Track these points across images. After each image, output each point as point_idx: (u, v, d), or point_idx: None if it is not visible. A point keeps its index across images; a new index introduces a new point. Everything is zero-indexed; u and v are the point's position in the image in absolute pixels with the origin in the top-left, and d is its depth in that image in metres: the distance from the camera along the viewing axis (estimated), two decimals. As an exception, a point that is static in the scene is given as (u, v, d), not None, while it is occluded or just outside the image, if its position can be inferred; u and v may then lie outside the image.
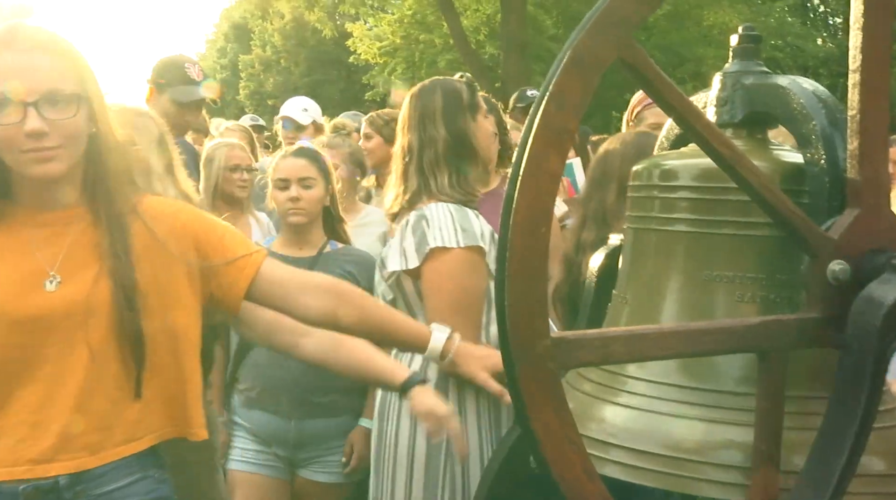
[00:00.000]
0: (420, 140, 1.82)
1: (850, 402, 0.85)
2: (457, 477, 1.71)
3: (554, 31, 15.10)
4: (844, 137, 0.98)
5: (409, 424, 1.72)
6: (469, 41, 14.43)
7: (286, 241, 2.34)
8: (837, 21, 20.15)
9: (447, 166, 1.80)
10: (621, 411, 1.09)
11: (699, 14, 14.88)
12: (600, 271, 1.39)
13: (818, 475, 0.86)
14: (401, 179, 1.85)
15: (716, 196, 1.11)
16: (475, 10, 15.57)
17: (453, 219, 1.74)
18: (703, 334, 0.92)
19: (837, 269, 0.92)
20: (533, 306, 0.83)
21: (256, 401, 2.21)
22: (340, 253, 2.30)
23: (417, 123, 1.83)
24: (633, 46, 0.87)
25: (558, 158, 0.86)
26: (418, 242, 1.72)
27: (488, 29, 15.43)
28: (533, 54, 13.89)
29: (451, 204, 1.78)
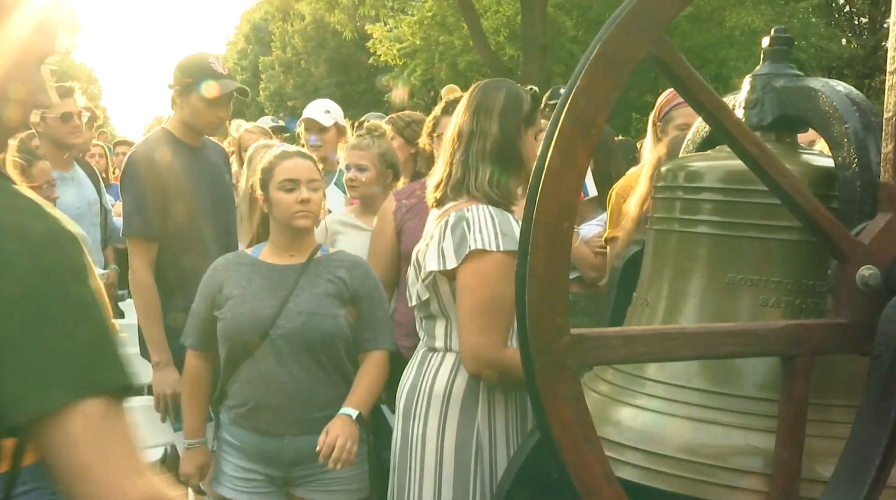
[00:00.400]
0: (471, 130, 1.81)
1: (880, 413, 0.84)
2: (486, 479, 1.69)
3: (574, 33, 15.04)
4: (878, 141, 0.96)
5: (436, 425, 1.70)
6: (489, 43, 14.40)
7: (277, 248, 2.12)
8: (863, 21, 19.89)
9: (490, 164, 1.79)
10: (639, 414, 1.08)
11: (721, 15, 14.72)
12: (621, 274, 1.37)
13: (846, 486, 0.85)
14: (447, 166, 1.85)
15: (741, 198, 1.10)
16: (495, 12, 15.54)
17: (494, 222, 1.73)
18: (728, 337, 0.90)
19: (867, 274, 0.91)
20: (555, 302, 0.82)
21: (247, 418, 2.04)
22: (332, 259, 2.14)
23: (473, 114, 1.82)
24: (665, 42, 0.85)
25: (585, 153, 0.85)
26: (458, 243, 1.71)
27: (508, 30, 15.39)
28: (553, 56, 13.84)
29: (491, 207, 1.76)
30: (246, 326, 2.00)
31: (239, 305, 2.02)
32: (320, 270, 2.08)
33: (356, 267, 2.12)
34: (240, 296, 2.04)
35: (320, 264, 2.10)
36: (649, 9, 0.84)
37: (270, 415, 2.01)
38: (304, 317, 1.99)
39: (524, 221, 0.85)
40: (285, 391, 2.00)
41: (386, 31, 17.75)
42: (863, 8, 19.74)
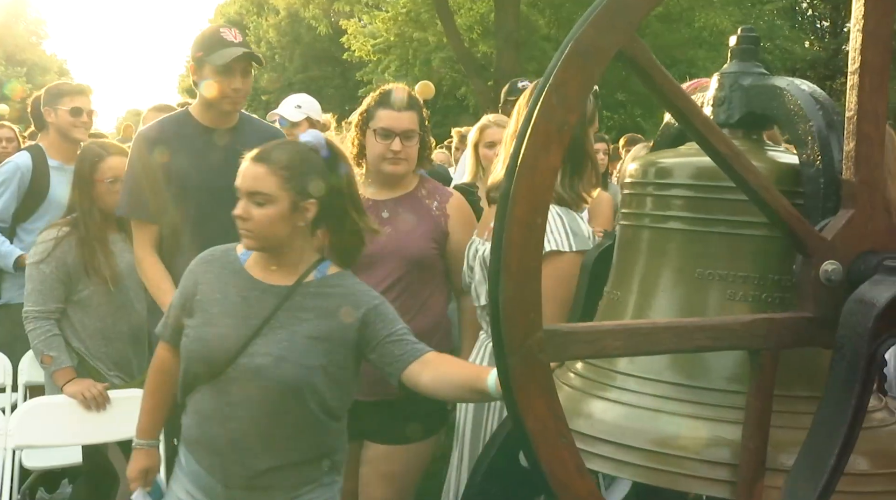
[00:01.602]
0: None
1: (841, 401, 0.85)
2: None
3: (547, 31, 15.10)
4: (841, 139, 0.97)
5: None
6: (463, 39, 14.41)
7: (262, 257, 1.72)
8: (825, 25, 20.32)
9: (562, 165, 1.79)
10: (610, 407, 1.09)
11: (691, 16, 14.95)
12: (592, 268, 1.38)
13: (808, 473, 0.86)
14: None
15: (710, 195, 1.11)
16: (469, 9, 15.55)
17: (563, 222, 1.73)
18: (696, 331, 0.91)
19: (830, 269, 0.92)
20: (528, 298, 0.82)
21: (194, 447, 1.73)
22: (328, 283, 1.69)
23: None
24: (636, 41, 0.86)
25: (558, 152, 0.85)
26: None
27: (482, 28, 15.41)
28: (526, 54, 13.89)
29: (556, 207, 1.75)
30: (205, 354, 1.65)
31: (205, 325, 1.68)
32: (308, 299, 1.66)
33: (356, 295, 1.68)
34: (209, 313, 1.69)
35: (309, 291, 1.67)
36: (620, 8, 0.84)
37: (212, 457, 1.68)
38: (269, 360, 1.61)
39: (497, 218, 0.85)
40: (231, 436, 1.64)
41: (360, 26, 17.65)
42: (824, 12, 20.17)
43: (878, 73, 0.88)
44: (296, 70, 24.36)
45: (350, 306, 1.65)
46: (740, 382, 1.01)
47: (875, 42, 0.87)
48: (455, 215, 2.21)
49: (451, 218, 2.20)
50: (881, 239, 0.92)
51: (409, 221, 2.19)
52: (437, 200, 2.23)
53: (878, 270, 0.88)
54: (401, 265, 2.13)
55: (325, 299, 1.66)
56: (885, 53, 0.88)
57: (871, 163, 0.91)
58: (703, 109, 1.19)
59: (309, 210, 1.64)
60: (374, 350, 1.64)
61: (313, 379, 1.61)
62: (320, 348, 1.63)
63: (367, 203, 2.09)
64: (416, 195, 2.24)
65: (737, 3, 15.60)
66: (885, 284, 0.86)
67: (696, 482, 1.00)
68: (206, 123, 2.43)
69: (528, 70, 12.68)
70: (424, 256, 2.16)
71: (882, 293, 0.85)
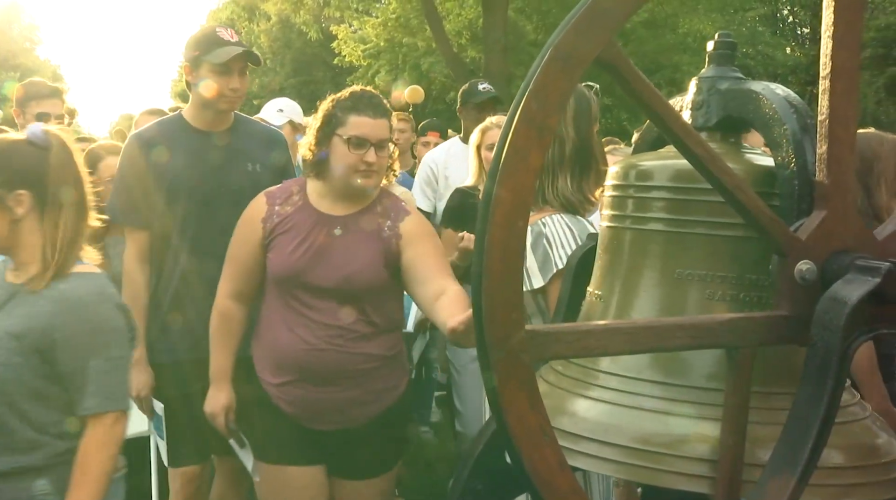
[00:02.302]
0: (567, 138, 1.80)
1: (814, 397, 0.86)
2: None
3: (534, 37, 15.16)
4: (814, 142, 0.98)
5: None
6: (451, 45, 14.44)
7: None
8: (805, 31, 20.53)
9: (570, 168, 1.79)
10: (593, 405, 1.09)
11: (675, 22, 15.09)
12: (575, 269, 1.39)
13: (784, 467, 0.87)
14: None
15: (689, 197, 1.12)
16: (457, 15, 15.59)
17: (573, 233, 1.72)
18: (675, 330, 0.92)
19: (805, 268, 0.93)
20: (510, 299, 0.83)
21: None
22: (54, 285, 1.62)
23: (570, 122, 1.80)
24: (614, 46, 0.87)
25: (538, 154, 0.86)
26: (542, 262, 1.70)
27: (470, 33, 15.45)
28: (513, 59, 13.93)
29: (565, 215, 1.75)
30: None
31: None
32: (28, 298, 1.59)
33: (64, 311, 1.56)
34: None
35: (30, 294, 1.59)
36: (599, 15, 0.85)
37: None
38: None
39: (479, 221, 0.85)
40: None
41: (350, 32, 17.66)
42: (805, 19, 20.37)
43: (847, 77, 0.89)
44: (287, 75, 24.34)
45: (52, 315, 1.55)
46: (719, 379, 1.02)
47: (844, 48, 0.89)
48: (408, 237, 1.99)
49: (402, 239, 1.99)
50: (853, 239, 0.93)
51: (357, 243, 1.98)
52: (391, 219, 2.02)
53: (849, 269, 0.90)
54: (348, 298, 1.95)
55: (37, 301, 1.57)
56: (854, 59, 0.90)
57: (842, 165, 0.92)
58: (681, 113, 1.21)
59: (21, 203, 1.56)
60: (57, 381, 1.55)
61: (7, 377, 1.53)
62: (15, 347, 1.54)
63: (318, 218, 1.99)
64: (372, 212, 2.03)
65: (719, 10, 15.76)
66: (857, 282, 0.87)
67: (677, 478, 1.00)
68: (200, 125, 2.35)
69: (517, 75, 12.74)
70: (372, 286, 1.97)
71: (853, 292, 0.86)
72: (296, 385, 1.98)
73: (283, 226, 2.00)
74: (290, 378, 1.98)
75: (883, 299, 0.85)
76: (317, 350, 1.94)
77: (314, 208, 2.02)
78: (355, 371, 1.96)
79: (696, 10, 15.15)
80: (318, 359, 1.94)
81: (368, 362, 1.97)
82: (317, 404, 1.98)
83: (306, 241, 1.97)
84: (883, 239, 0.95)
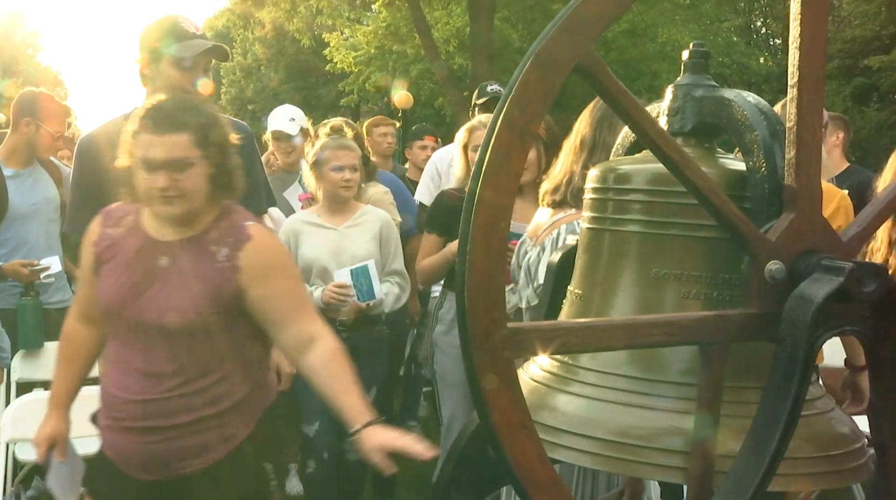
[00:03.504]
0: (594, 141, 1.80)
1: (782, 391, 0.87)
2: None
3: (519, 45, 15.21)
4: (783, 148, 0.99)
5: None
6: (440, 52, 14.46)
7: None
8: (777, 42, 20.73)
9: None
10: (573, 400, 1.10)
11: (654, 32, 15.22)
12: (557, 269, 1.39)
13: (753, 457, 0.88)
14: (567, 172, 1.84)
15: (666, 199, 1.12)
16: (445, 24, 15.62)
17: None
18: (651, 327, 0.92)
19: (774, 268, 0.94)
20: (492, 298, 0.83)
21: None
22: None
23: (596, 125, 1.81)
24: (592, 54, 0.87)
25: (520, 158, 0.86)
26: None
27: (458, 41, 15.48)
28: (500, 66, 13.97)
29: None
30: None
31: None
32: None
33: None
34: None
35: None
36: (578, 25, 0.85)
37: None
38: None
39: (463, 222, 0.85)
40: None
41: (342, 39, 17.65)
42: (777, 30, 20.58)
43: (813, 86, 0.90)
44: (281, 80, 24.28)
45: None
46: (693, 375, 1.02)
47: (810, 58, 0.90)
48: (251, 270, 1.65)
49: (243, 272, 1.64)
50: (819, 240, 0.94)
51: (182, 276, 1.65)
52: (229, 246, 1.66)
53: (816, 269, 0.91)
54: (169, 340, 1.65)
55: None
56: (819, 69, 0.91)
57: (809, 169, 0.93)
58: (658, 119, 1.21)
59: None
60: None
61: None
62: None
63: (146, 243, 1.68)
64: (203, 239, 1.68)
65: (696, 21, 15.93)
66: (822, 281, 0.88)
67: (652, 469, 1.01)
68: None
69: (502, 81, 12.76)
70: (194, 328, 1.63)
71: (819, 290, 0.87)
72: (114, 431, 1.71)
73: (109, 252, 1.71)
74: (109, 423, 1.72)
75: (847, 297, 0.87)
76: (132, 398, 1.66)
77: (143, 232, 1.70)
78: (172, 425, 1.67)
79: (674, 20, 15.30)
80: (133, 407, 1.66)
81: (189, 415, 1.66)
82: (132, 452, 1.69)
83: (127, 270, 1.67)
84: (847, 240, 0.96)
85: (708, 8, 16.82)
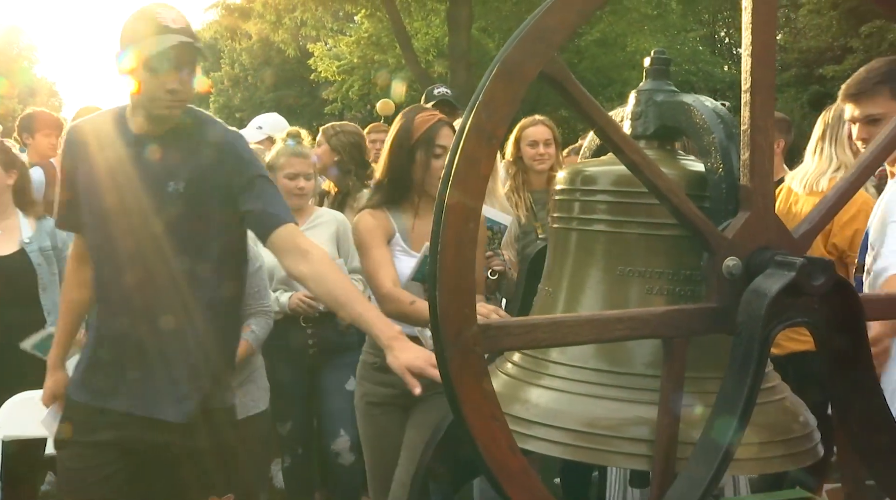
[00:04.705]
0: None
1: (739, 380, 0.88)
2: None
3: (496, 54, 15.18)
4: (739, 149, 1.00)
5: None
6: (419, 61, 14.45)
7: None
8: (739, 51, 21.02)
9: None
10: (544, 393, 1.10)
11: (624, 41, 15.37)
12: (529, 267, 1.39)
13: (711, 445, 0.88)
14: None
15: (629, 200, 1.13)
16: (425, 34, 15.63)
17: None
18: (616, 322, 0.93)
19: (731, 264, 0.95)
20: (463, 296, 0.83)
21: None
22: None
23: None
24: (557, 61, 0.87)
25: (488, 162, 0.86)
26: None
27: (437, 50, 15.51)
28: (478, 74, 14.01)
29: None
30: None
31: None
32: None
33: None
34: None
35: None
36: (541, 33, 0.85)
37: None
38: None
39: (434, 223, 0.85)
40: None
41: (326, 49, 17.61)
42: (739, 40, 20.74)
43: (765, 91, 0.91)
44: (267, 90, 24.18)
45: None
46: (656, 367, 1.03)
47: (762, 65, 0.90)
48: None
49: None
50: (773, 237, 0.95)
51: None
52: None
53: (769, 264, 0.91)
54: None
55: None
56: (770, 75, 0.91)
57: (763, 170, 0.94)
58: (622, 123, 1.22)
59: None
60: None
61: None
62: None
63: None
64: None
65: (663, 31, 16.14)
66: (776, 276, 0.89)
67: (619, 458, 1.01)
68: (135, 128, 1.75)
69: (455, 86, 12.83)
70: None
71: (773, 285, 0.88)
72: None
73: None
74: None
75: (798, 290, 0.87)
76: None
77: None
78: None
79: (643, 30, 15.48)
80: None
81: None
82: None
83: None
84: (798, 237, 0.97)
85: (674, 19, 17.02)
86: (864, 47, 14.47)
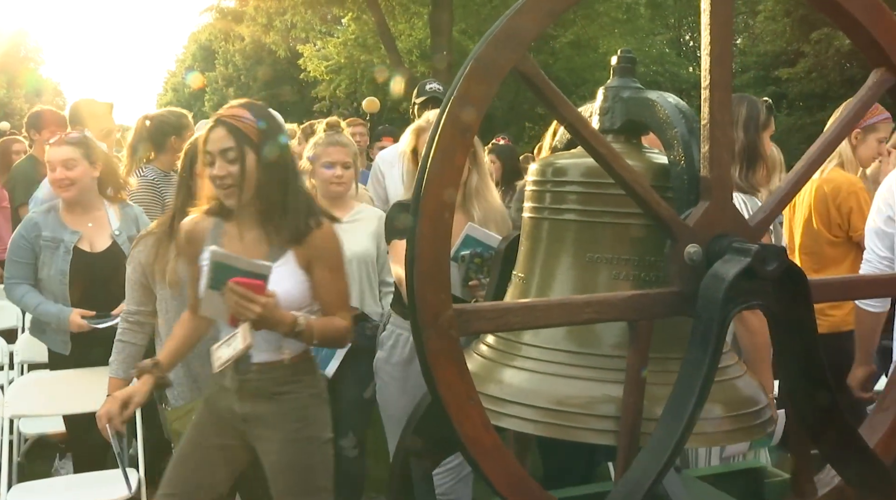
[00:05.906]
0: None
1: (698, 360, 0.88)
2: None
3: (476, 56, 15.19)
4: (699, 143, 1.00)
5: None
6: (403, 61, 14.36)
7: None
8: (704, 54, 21.18)
9: (739, 163, 1.97)
10: (517, 373, 1.09)
11: (596, 43, 15.42)
12: (504, 254, 1.38)
13: (672, 419, 0.89)
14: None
15: (598, 190, 1.12)
16: (409, 36, 15.54)
17: (747, 208, 1.87)
18: (584, 306, 0.92)
19: (692, 251, 0.95)
20: (439, 281, 0.82)
21: None
22: None
23: None
24: (528, 59, 0.86)
25: (463, 154, 0.85)
26: None
27: (419, 51, 15.42)
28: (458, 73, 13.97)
29: (740, 194, 1.90)
30: None
31: None
32: None
33: None
34: None
35: None
36: (513, 32, 0.84)
37: None
38: None
39: (411, 212, 0.84)
40: None
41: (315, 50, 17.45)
42: (703, 42, 21.05)
43: (723, 89, 0.91)
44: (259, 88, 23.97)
45: None
46: (622, 348, 1.03)
47: (720, 64, 0.90)
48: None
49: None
50: (731, 225, 0.95)
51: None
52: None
53: (727, 250, 0.91)
54: None
55: None
56: (727, 73, 0.91)
57: (721, 162, 0.94)
58: (591, 118, 1.21)
59: None
60: None
61: None
62: None
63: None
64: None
65: (633, 34, 16.25)
66: (733, 262, 0.89)
67: (587, 433, 1.01)
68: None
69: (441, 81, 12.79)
70: None
71: (730, 269, 0.88)
72: None
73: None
74: None
75: (753, 275, 0.87)
76: None
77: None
78: None
79: (614, 33, 15.55)
80: None
81: None
82: None
83: None
84: (754, 225, 0.97)
85: (643, 23, 17.11)
86: (814, 52, 14.68)
